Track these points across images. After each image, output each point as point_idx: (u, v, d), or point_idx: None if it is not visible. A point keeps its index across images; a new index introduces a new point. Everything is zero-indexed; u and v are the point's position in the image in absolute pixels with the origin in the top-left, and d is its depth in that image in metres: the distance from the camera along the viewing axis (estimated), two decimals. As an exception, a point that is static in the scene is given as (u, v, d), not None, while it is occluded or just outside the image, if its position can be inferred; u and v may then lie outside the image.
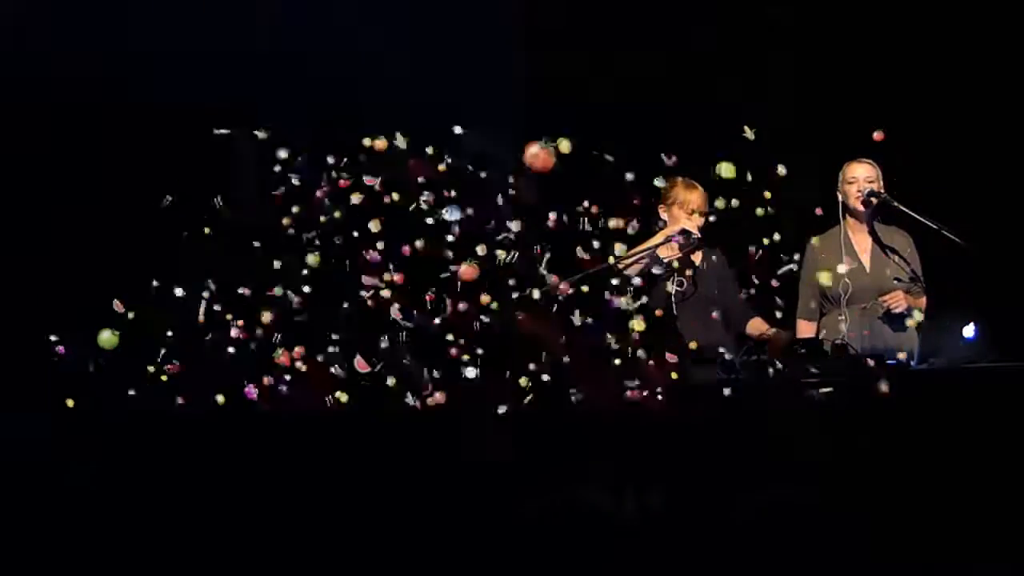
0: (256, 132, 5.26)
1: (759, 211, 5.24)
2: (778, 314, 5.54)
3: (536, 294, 5.15)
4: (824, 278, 5.39)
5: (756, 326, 5.63)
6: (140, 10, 5.81)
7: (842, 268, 5.56)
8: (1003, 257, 5.44)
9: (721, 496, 4.92)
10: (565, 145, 5.23)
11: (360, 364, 5.13)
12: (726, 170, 5.35)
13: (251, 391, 5.14)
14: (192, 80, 5.67)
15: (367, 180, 5.26)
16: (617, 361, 5.10)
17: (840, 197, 5.74)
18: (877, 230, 5.74)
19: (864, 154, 5.69)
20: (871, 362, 5.09)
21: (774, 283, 5.41)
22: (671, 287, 5.63)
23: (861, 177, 5.70)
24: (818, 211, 5.63)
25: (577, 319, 5.17)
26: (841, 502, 4.87)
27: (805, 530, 4.86)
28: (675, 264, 5.60)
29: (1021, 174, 6.19)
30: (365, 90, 5.72)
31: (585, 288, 5.28)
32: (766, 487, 4.92)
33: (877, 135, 5.33)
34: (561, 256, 5.27)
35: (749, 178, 5.33)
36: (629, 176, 5.35)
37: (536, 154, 5.21)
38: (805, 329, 5.74)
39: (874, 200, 5.65)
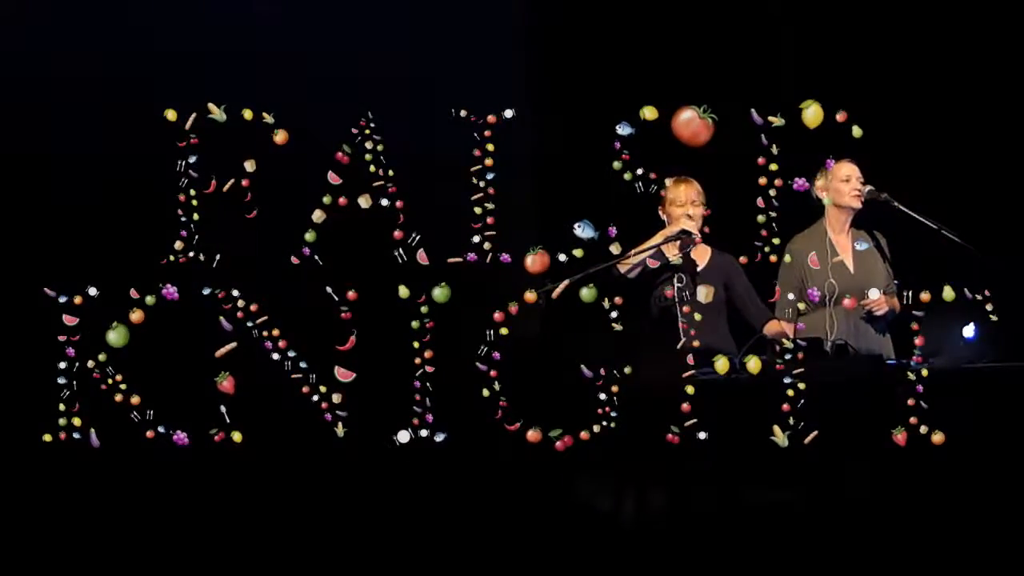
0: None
1: (760, 217, 5.22)
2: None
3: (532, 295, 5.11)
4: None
5: (773, 327, 5.62)
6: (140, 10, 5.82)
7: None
8: (1003, 256, 5.45)
9: (722, 497, 4.95)
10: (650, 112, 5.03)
11: (341, 374, 5.08)
12: (813, 113, 5.09)
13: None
14: (190, 80, 5.66)
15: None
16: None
17: (825, 196, 5.72)
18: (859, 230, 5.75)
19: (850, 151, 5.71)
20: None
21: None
22: (673, 287, 5.64)
23: (855, 176, 5.69)
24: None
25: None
26: (841, 503, 4.89)
27: (805, 530, 4.88)
28: (676, 262, 5.60)
29: (1020, 173, 6.21)
30: (365, 90, 5.71)
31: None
32: (766, 488, 4.94)
33: (840, 115, 5.24)
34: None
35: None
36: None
37: (687, 121, 4.89)
38: (785, 329, 5.74)
39: (874, 198, 5.65)
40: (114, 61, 5.75)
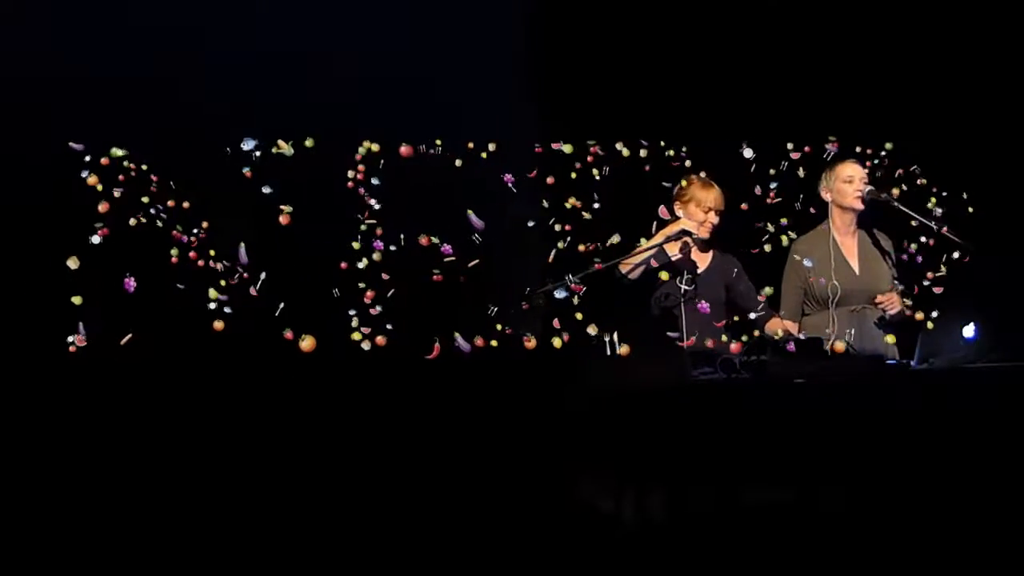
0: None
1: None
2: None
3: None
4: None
5: (775, 326, 5.61)
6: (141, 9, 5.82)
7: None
8: (1003, 256, 5.45)
9: (721, 497, 4.94)
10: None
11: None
12: None
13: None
14: (190, 80, 5.66)
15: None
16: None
17: (829, 197, 5.72)
18: (864, 232, 5.75)
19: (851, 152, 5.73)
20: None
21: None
22: (675, 286, 5.64)
23: (858, 176, 5.69)
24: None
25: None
26: (841, 503, 4.89)
27: (805, 531, 4.88)
28: (677, 257, 5.61)
29: (1020, 174, 6.21)
30: (366, 90, 5.71)
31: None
32: (766, 488, 4.94)
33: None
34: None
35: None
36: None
37: None
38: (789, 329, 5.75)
39: (875, 199, 5.64)
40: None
